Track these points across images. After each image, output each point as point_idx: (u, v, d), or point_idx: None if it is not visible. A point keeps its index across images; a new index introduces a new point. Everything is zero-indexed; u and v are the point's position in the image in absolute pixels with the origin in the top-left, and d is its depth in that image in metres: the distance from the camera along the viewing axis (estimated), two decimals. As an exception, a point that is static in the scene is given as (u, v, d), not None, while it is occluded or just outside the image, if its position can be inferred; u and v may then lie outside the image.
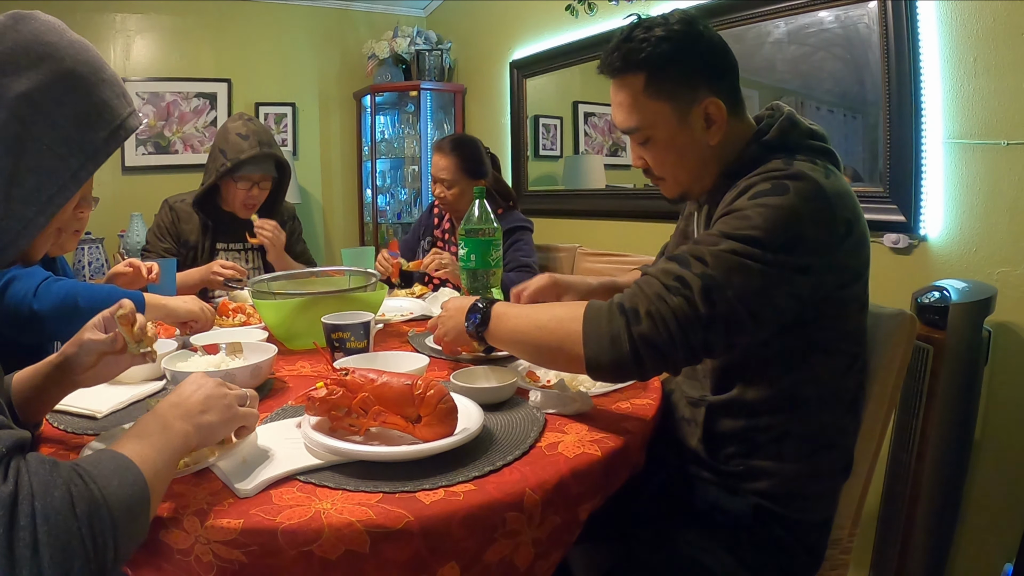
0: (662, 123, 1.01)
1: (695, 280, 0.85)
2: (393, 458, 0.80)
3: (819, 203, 0.88)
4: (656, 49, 0.97)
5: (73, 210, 0.77)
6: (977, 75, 1.64)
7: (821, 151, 0.99)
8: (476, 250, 1.63)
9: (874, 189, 1.85)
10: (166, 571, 0.70)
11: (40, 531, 0.53)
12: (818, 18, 2.00)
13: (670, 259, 0.90)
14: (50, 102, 0.68)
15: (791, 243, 0.86)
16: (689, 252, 0.89)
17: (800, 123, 1.01)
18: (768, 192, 0.88)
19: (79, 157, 0.71)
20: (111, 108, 0.74)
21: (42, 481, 0.55)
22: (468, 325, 1.04)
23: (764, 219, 0.86)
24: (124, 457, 0.64)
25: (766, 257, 0.85)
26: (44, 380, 0.86)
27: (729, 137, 1.02)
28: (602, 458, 0.85)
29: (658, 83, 0.99)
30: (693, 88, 0.99)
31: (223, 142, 2.01)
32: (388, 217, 4.07)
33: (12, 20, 0.71)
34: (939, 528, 1.58)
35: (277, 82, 3.95)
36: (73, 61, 0.71)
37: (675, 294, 0.85)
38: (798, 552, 1.00)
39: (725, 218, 0.90)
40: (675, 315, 0.84)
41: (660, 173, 1.07)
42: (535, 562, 0.77)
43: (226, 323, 1.59)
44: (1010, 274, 1.59)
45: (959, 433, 1.55)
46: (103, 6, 3.52)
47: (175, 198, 2.12)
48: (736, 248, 0.86)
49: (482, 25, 3.72)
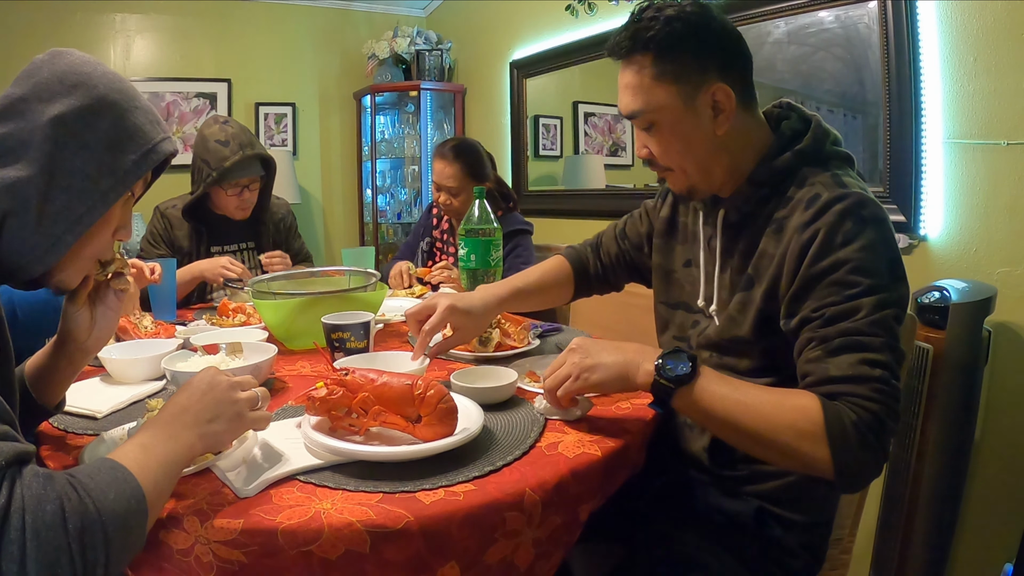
0: (668, 107, 0.97)
1: (885, 357, 0.84)
2: (393, 458, 0.80)
3: (888, 222, 0.90)
4: (665, 28, 0.94)
5: (111, 235, 0.79)
6: (977, 75, 1.64)
7: (845, 158, 0.99)
8: (476, 250, 1.63)
9: (874, 189, 1.84)
10: (166, 571, 0.70)
11: (29, 546, 0.53)
12: (818, 18, 2.00)
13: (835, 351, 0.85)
14: (83, 125, 0.71)
15: (894, 270, 0.88)
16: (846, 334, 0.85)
17: (829, 130, 1.00)
18: (856, 232, 0.87)
19: (109, 179, 0.73)
20: (143, 132, 0.76)
21: (35, 495, 0.55)
22: (667, 371, 0.88)
23: (871, 262, 0.86)
24: (123, 468, 0.63)
25: (892, 298, 0.86)
26: (52, 358, 0.88)
27: (738, 129, 0.99)
28: (602, 458, 0.85)
29: (665, 64, 0.95)
30: (702, 72, 0.95)
31: (203, 151, 1.97)
32: (388, 217, 4.07)
33: (49, 56, 0.75)
34: (939, 528, 1.58)
35: (277, 82, 3.96)
36: (107, 89, 0.74)
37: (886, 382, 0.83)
38: (799, 552, 1.00)
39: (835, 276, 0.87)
40: (897, 397, 0.84)
41: (665, 162, 1.03)
42: (535, 562, 0.77)
43: (226, 323, 1.59)
44: (1010, 274, 1.59)
45: (959, 433, 1.55)
46: (103, 6, 3.53)
47: (166, 204, 2.10)
48: (873, 303, 0.85)
49: (482, 25, 3.72)
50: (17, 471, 0.56)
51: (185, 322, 1.65)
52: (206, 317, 1.65)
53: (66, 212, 0.71)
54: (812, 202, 0.91)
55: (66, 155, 0.70)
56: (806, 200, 0.92)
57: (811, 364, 0.87)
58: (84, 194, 0.71)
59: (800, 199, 0.93)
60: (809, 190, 0.93)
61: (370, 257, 1.98)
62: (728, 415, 0.86)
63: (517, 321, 1.45)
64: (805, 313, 0.89)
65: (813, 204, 0.91)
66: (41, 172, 0.69)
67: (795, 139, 0.99)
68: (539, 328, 1.49)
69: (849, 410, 0.82)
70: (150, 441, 0.69)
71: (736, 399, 0.86)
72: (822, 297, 0.87)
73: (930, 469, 1.52)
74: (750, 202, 1.00)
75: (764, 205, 0.99)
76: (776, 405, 0.85)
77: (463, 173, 2.17)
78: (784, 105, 1.05)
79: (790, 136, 0.99)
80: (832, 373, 0.84)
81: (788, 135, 0.99)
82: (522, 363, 1.21)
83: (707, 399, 0.87)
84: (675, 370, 0.88)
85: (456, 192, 2.19)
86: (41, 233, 0.70)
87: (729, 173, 1.02)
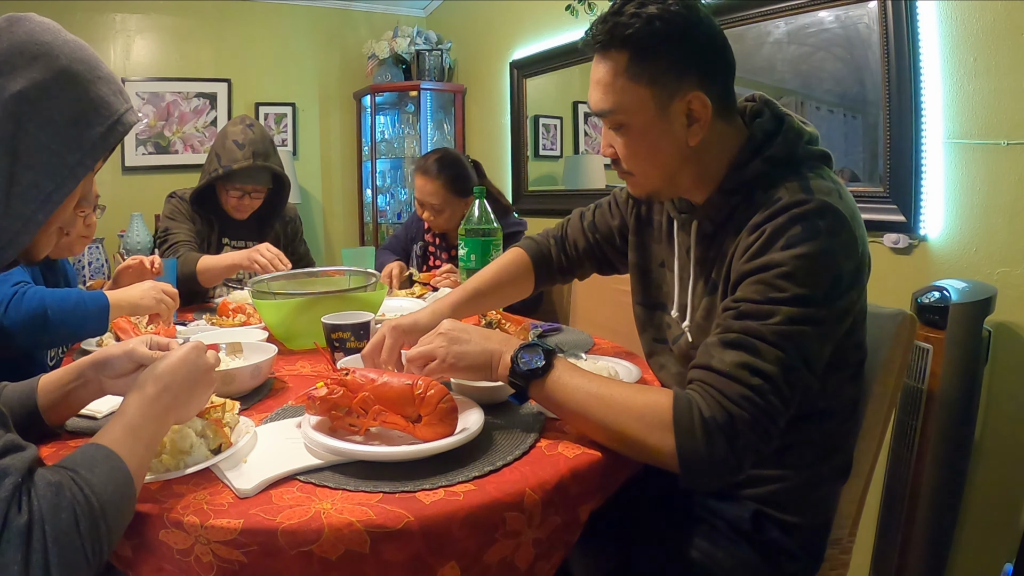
0: (639, 109, 0.92)
1: (774, 371, 0.80)
2: (393, 458, 0.80)
3: (846, 235, 0.85)
4: (646, 27, 0.88)
5: (74, 210, 0.77)
6: (977, 75, 1.64)
7: (820, 157, 0.96)
8: (476, 250, 1.63)
9: (874, 189, 1.85)
10: (166, 571, 0.70)
11: (51, 553, 0.57)
12: (818, 18, 2.00)
13: (728, 344, 0.83)
14: (45, 99, 0.68)
15: (833, 289, 0.84)
16: (748, 333, 0.82)
17: (802, 130, 0.96)
18: (801, 238, 0.83)
19: (76, 154, 0.70)
20: (108, 104, 0.73)
21: (51, 505, 0.59)
22: (520, 364, 0.89)
23: (807, 272, 0.82)
24: (116, 457, 0.67)
25: (819, 315, 0.83)
26: (75, 380, 0.87)
27: (712, 140, 0.94)
28: (602, 458, 0.85)
29: (642, 65, 0.90)
30: (679, 77, 0.90)
31: (220, 146, 2.00)
32: (388, 217, 4.07)
33: (7, 22, 0.71)
34: (939, 528, 1.58)
35: (277, 82, 3.96)
36: (68, 59, 0.71)
37: (762, 395, 0.80)
38: (798, 554, 1.00)
39: (764, 276, 0.84)
40: (770, 415, 0.80)
41: (629, 167, 0.99)
42: (536, 563, 0.77)
43: (226, 323, 1.59)
44: (1010, 274, 1.59)
45: (959, 433, 1.55)
46: (103, 6, 3.53)
47: (182, 191, 2.12)
48: (793, 315, 0.82)
49: (482, 25, 3.72)
50: (30, 481, 0.60)
51: (185, 322, 1.65)
52: (206, 317, 1.66)
53: (34, 190, 0.68)
54: (771, 204, 0.88)
55: (30, 131, 0.67)
56: (767, 203, 0.89)
57: (703, 348, 0.86)
58: (52, 170, 0.69)
59: (763, 203, 0.90)
60: (773, 192, 0.90)
61: (370, 257, 1.99)
62: (579, 407, 0.86)
63: (517, 321, 1.45)
64: (727, 303, 0.88)
65: (771, 206, 0.88)
66: (5, 152, 0.66)
67: (767, 141, 0.94)
68: (539, 328, 1.49)
69: (704, 403, 0.80)
70: (139, 423, 0.72)
71: (588, 391, 0.86)
72: (746, 293, 0.85)
73: (930, 469, 1.52)
74: (723, 211, 0.97)
75: (734, 212, 0.96)
76: (628, 398, 0.84)
77: (445, 190, 2.12)
78: (757, 99, 1.00)
79: (761, 138, 0.94)
80: (712, 364, 0.83)
81: (759, 137, 0.95)
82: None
83: (559, 391, 0.87)
84: (529, 363, 0.88)
85: (439, 209, 2.14)
86: (11, 215, 0.67)
87: (696, 181, 0.98)
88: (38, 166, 0.68)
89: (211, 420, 0.83)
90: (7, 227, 0.68)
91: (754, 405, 0.79)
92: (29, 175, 0.68)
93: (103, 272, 3.28)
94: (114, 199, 3.46)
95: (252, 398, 1.07)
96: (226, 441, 0.83)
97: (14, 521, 0.56)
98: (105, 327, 1.38)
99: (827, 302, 0.83)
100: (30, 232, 0.69)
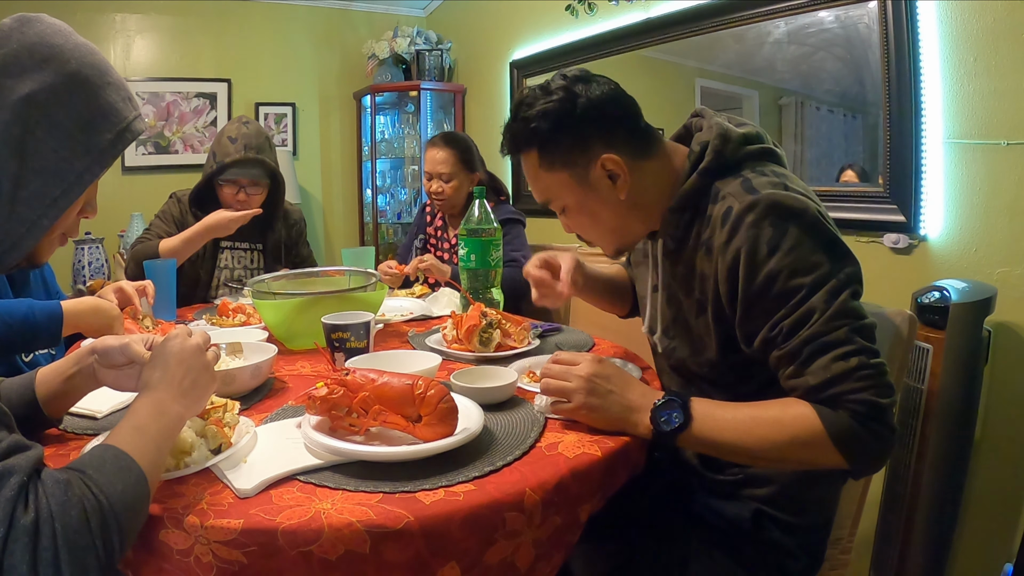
0: (567, 191, 1.01)
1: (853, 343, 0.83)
2: (393, 458, 0.80)
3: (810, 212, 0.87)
4: (539, 126, 0.98)
5: (76, 215, 0.77)
6: (977, 75, 1.64)
7: (760, 155, 0.98)
8: (476, 250, 1.63)
9: (874, 189, 1.85)
10: (166, 571, 0.70)
11: (61, 551, 0.56)
12: (818, 18, 2.00)
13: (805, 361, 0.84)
14: (54, 104, 0.68)
15: (834, 251, 0.86)
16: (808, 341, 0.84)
17: (731, 133, 0.97)
18: (777, 236, 0.86)
19: (84, 160, 0.70)
20: (117, 111, 0.73)
21: (60, 503, 0.58)
22: (662, 424, 0.88)
23: (803, 258, 0.85)
24: (126, 456, 0.65)
25: (841, 279, 0.85)
26: (74, 367, 0.86)
27: (644, 182, 0.99)
28: (602, 458, 0.85)
29: (551, 155, 1.00)
30: (585, 150, 0.98)
31: (216, 144, 2.02)
32: (388, 217, 4.07)
33: (18, 23, 0.70)
34: (939, 528, 1.58)
35: (277, 82, 3.96)
36: (79, 64, 0.70)
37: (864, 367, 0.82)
38: (798, 554, 1.00)
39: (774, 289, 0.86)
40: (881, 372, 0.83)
41: (587, 238, 1.09)
42: (536, 563, 0.77)
43: (226, 323, 1.59)
44: (1010, 274, 1.59)
45: (959, 433, 1.55)
46: (103, 6, 3.53)
47: (183, 192, 2.12)
48: (823, 298, 0.84)
49: (482, 25, 3.72)
50: (37, 479, 0.59)
51: (185, 322, 1.65)
52: (206, 317, 1.66)
53: (40, 195, 0.67)
54: (726, 218, 0.90)
55: (38, 135, 0.67)
56: (721, 216, 0.91)
57: (791, 381, 0.87)
58: (58, 176, 0.68)
59: (716, 216, 0.93)
60: (722, 204, 0.92)
61: (370, 257, 1.98)
62: (732, 445, 0.87)
63: (517, 321, 1.45)
64: (763, 334, 0.88)
65: (727, 220, 0.90)
66: (12, 155, 0.65)
67: (703, 154, 0.98)
68: (539, 328, 1.49)
69: (844, 410, 0.82)
70: (143, 422, 0.71)
71: (735, 428, 0.87)
72: (772, 313, 0.87)
73: (930, 469, 1.52)
74: (678, 227, 1.00)
75: (690, 228, 0.99)
76: (774, 423, 0.85)
77: (455, 159, 2.23)
78: (699, 114, 1.04)
79: (699, 152, 0.98)
80: (812, 383, 0.84)
81: (697, 151, 0.98)
82: (522, 363, 1.21)
83: (707, 437, 0.88)
84: (671, 422, 0.88)
85: (448, 178, 2.24)
86: (16, 219, 0.67)
87: (649, 220, 1.04)
88: (45, 171, 0.67)
89: (211, 420, 0.83)
90: (12, 231, 0.67)
91: (869, 378, 0.82)
92: (36, 180, 0.67)
93: (103, 272, 3.28)
94: (114, 199, 3.47)
95: (252, 398, 1.07)
96: (226, 441, 0.83)
97: (20, 520, 0.55)
98: (58, 338, 1.33)
99: (836, 265, 0.86)
100: (35, 237, 0.69)
